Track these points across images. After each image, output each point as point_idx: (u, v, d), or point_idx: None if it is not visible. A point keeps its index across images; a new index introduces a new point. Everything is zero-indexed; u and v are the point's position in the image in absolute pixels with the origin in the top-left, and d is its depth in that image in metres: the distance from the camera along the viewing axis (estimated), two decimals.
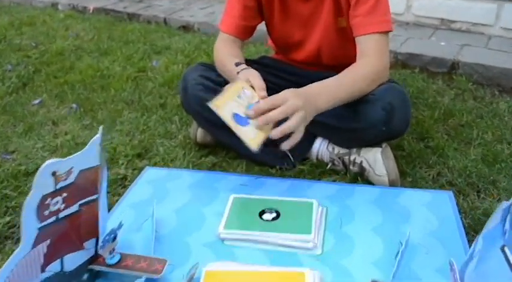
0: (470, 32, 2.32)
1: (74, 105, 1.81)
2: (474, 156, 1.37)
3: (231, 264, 0.89)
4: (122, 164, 1.41)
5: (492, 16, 2.24)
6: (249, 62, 1.45)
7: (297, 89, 1.07)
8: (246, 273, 0.86)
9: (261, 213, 1.03)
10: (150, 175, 1.24)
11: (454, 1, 2.31)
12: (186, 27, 2.75)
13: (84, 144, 1.54)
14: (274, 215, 1.02)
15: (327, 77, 1.38)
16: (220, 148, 1.43)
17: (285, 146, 1.04)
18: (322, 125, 1.29)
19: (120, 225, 0.87)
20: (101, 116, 1.72)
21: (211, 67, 1.38)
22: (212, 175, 1.24)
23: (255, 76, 1.13)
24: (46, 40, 2.63)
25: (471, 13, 2.28)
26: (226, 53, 1.33)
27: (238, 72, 1.19)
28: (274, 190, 1.15)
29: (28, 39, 2.65)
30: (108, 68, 2.15)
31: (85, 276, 0.87)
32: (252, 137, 1.00)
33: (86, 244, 0.84)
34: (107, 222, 0.89)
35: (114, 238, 0.86)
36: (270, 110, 1.00)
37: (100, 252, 0.84)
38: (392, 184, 1.20)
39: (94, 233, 0.84)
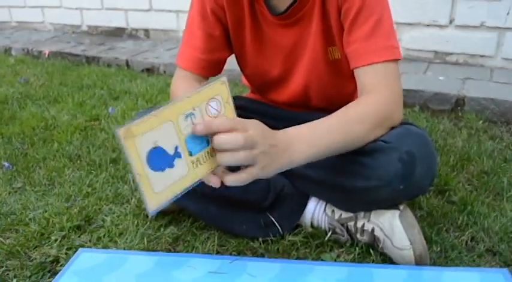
0: (469, 64, 2.07)
1: (6, 164, 1.46)
2: (511, 211, 1.07)
3: None
4: (55, 240, 1.06)
5: (493, 46, 2.00)
6: None
7: (268, 128, 0.77)
8: None
9: None
10: (83, 262, 0.90)
11: (447, 31, 2.08)
12: (150, 70, 2.45)
13: (11, 214, 1.21)
14: None
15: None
16: (185, 214, 1.10)
17: (229, 180, 0.75)
18: (316, 182, 0.98)
19: None
20: (37, 176, 1.37)
21: None
22: (170, 259, 0.89)
23: None
24: None
25: (468, 44, 2.04)
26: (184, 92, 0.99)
27: None
28: (257, 279, 0.80)
29: None
30: (55, 118, 1.81)
31: None
32: (166, 186, 0.67)
33: None
34: None
35: None
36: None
37: None
38: (419, 260, 0.87)
39: None
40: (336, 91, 1.06)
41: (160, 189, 0.66)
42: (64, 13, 3.42)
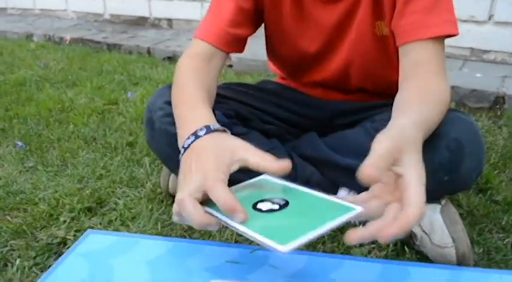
0: (507, 63, 1.96)
1: (19, 143, 1.40)
2: None
3: None
4: (64, 222, 1.00)
5: None
6: (245, 87, 1.06)
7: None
8: None
9: None
10: (92, 244, 0.82)
11: (486, 27, 1.97)
12: (171, 58, 2.38)
13: (20, 193, 1.15)
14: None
15: (355, 109, 0.98)
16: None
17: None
18: (345, 169, 0.89)
19: None
20: (50, 156, 1.31)
21: None
22: (185, 245, 0.80)
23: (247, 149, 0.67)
24: (8, 70, 2.25)
25: (508, 41, 1.93)
26: (191, 80, 0.85)
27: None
28: (282, 272, 0.72)
29: None
30: (72, 100, 1.76)
31: None
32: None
33: None
34: None
35: None
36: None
37: None
38: (462, 260, 0.78)
39: None
40: (378, 70, 0.96)
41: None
42: (87, 1, 3.39)
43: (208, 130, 0.69)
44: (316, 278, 0.68)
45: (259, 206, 0.61)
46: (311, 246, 0.88)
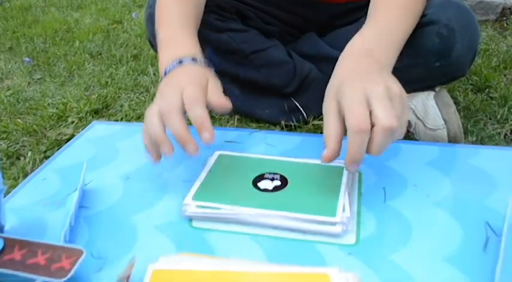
0: None
1: (27, 59, 1.43)
2: None
3: (200, 260, 0.50)
4: (72, 122, 1.03)
5: None
6: None
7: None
8: (224, 276, 0.47)
9: (257, 179, 0.64)
10: (97, 131, 0.86)
11: None
12: None
13: (29, 100, 1.18)
14: (277, 182, 0.63)
15: (354, 9, 0.98)
16: None
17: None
18: None
19: None
20: (57, 69, 1.34)
21: None
22: None
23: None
24: None
25: None
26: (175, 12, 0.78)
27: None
28: (277, 149, 0.75)
29: None
30: (77, 21, 1.77)
31: None
32: None
33: None
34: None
35: None
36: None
37: None
38: (453, 142, 0.81)
39: None
40: None
41: None
42: None
43: (194, 61, 0.67)
44: (309, 153, 0.71)
45: (261, 185, 0.62)
46: (310, 131, 0.91)
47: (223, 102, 0.63)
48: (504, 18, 1.57)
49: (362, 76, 0.58)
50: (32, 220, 0.62)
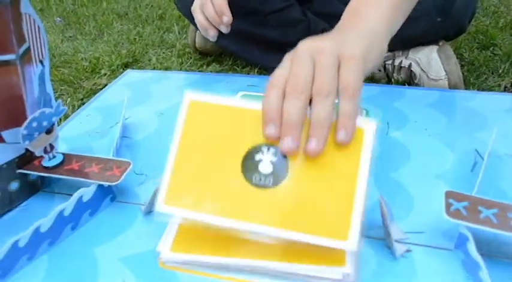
0: None
1: (58, 19, 1.52)
2: None
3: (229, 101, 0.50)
4: (104, 74, 1.13)
5: None
6: None
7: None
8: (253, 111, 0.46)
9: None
10: (131, 78, 0.95)
11: None
12: None
13: (64, 55, 1.28)
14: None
15: None
16: (226, 56, 1.13)
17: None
18: None
19: (59, 110, 0.58)
20: (88, 28, 1.43)
21: None
22: (210, 76, 0.94)
23: None
24: None
25: None
26: None
27: None
28: None
29: None
30: None
31: (14, 186, 0.59)
32: None
33: (5, 135, 0.56)
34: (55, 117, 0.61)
35: (50, 129, 0.58)
36: None
37: (26, 145, 0.55)
38: (454, 89, 0.88)
39: (17, 119, 0.56)
40: None
41: None
42: None
43: None
44: None
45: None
46: None
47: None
48: None
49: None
50: (80, 148, 0.72)
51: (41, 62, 0.61)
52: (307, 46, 0.47)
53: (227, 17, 0.82)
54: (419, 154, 0.65)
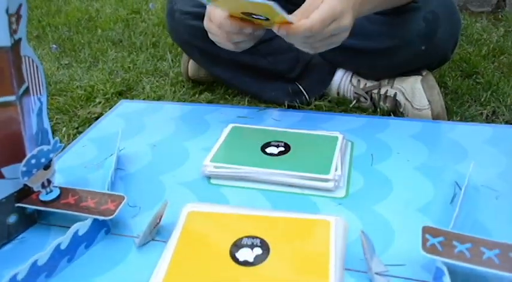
0: None
1: (54, 46, 1.55)
2: None
3: (221, 207, 0.63)
4: (99, 102, 1.15)
5: None
6: None
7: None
8: (245, 218, 0.60)
9: (265, 146, 0.76)
10: (125, 108, 0.98)
11: None
12: None
13: (59, 83, 1.31)
14: (281, 148, 0.75)
15: None
16: (218, 84, 1.17)
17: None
18: (344, 49, 1.00)
19: (57, 147, 0.61)
20: (83, 55, 1.46)
21: None
22: (203, 107, 0.97)
23: None
24: None
25: None
26: None
27: None
28: (282, 123, 0.88)
29: None
30: (98, 11, 1.89)
31: (12, 219, 0.61)
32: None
33: (5, 171, 0.58)
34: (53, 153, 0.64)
35: (48, 165, 0.60)
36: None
37: (24, 181, 0.58)
38: (437, 119, 0.92)
39: (16, 156, 0.58)
40: None
41: None
42: None
43: None
44: (309, 127, 0.83)
45: (268, 150, 0.75)
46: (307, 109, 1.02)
47: None
48: (499, 10, 1.67)
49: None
50: (76, 180, 0.75)
51: (39, 99, 0.64)
52: None
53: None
54: (401, 186, 0.68)
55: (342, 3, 0.68)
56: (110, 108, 1.12)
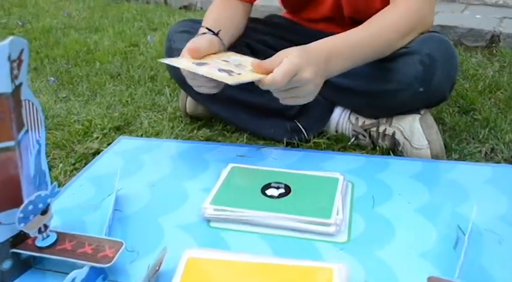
0: (508, 6, 2.03)
1: (52, 79, 1.55)
2: None
3: (221, 253, 0.62)
4: (97, 138, 1.15)
5: None
6: (254, 22, 1.18)
7: (303, 47, 0.81)
8: (245, 265, 0.58)
9: (265, 188, 0.76)
10: (123, 146, 0.98)
11: None
12: (187, 7, 2.50)
13: (57, 117, 1.30)
14: (282, 190, 0.74)
15: None
16: (217, 120, 1.17)
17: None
18: (341, 89, 1.02)
19: (54, 192, 0.60)
20: (81, 88, 1.46)
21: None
22: (201, 145, 0.97)
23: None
24: (34, 19, 2.39)
25: None
26: (211, 17, 1.03)
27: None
28: (281, 162, 0.87)
29: (15, 19, 2.41)
30: (96, 43, 1.90)
31: (7, 264, 0.60)
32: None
33: (1, 216, 0.57)
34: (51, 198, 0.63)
35: (45, 210, 0.59)
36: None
37: (21, 227, 0.57)
38: (436, 158, 0.92)
39: (14, 200, 0.57)
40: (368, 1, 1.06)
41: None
42: None
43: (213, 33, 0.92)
44: (309, 167, 0.82)
45: (268, 192, 0.76)
46: (311, 148, 1.02)
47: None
48: (493, 45, 1.69)
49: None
50: (73, 221, 0.74)
51: (38, 141, 0.64)
52: None
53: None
54: (403, 230, 0.67)
55: (301, 58, 0.76)
56: (107, 144, 1.11)
